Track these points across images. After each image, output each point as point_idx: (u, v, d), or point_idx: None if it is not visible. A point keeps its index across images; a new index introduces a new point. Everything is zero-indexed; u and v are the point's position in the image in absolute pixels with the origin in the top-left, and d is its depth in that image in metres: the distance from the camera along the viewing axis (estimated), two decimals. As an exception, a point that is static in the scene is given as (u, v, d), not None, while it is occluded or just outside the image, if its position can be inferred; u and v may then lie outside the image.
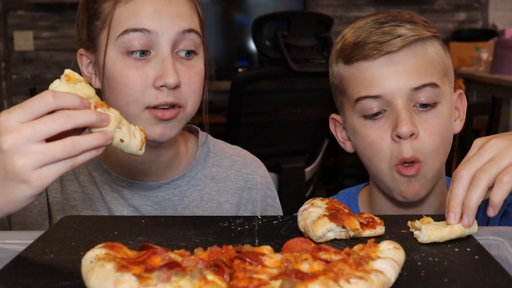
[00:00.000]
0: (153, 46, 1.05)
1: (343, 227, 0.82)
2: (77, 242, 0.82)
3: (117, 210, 1.17)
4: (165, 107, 1.05)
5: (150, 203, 1.18)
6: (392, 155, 1.08)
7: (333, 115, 1.23)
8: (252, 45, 4.06)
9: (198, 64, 1.10)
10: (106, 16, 1.07)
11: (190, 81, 1.07)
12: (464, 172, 0.82)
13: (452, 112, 1.13)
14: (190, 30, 1.08)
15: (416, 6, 4.64)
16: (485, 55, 4.20)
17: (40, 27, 4.43)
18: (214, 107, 3.66)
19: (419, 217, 0.86)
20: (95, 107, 0.80)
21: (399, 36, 1.06)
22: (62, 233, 0.86)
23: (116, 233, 0.86)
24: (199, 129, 1.26)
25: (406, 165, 1.07)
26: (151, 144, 1.08)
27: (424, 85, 1.07)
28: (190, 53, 1.09)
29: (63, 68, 1.19)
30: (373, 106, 1.08)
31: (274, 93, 2.80)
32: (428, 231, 0.81)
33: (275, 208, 1.30)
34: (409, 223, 0.87)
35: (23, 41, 4.45)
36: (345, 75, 1.13)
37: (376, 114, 1.08)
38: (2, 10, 4.41)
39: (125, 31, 1.04)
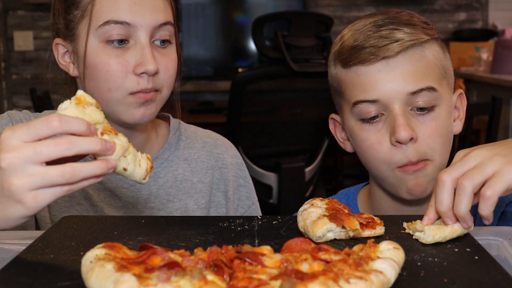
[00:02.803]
0: (132, 36, 1.11)
1: (343, 227, 0.82)
2: (77, 242, 0.82)
3: (94, 195, 1.20)
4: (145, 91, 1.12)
5: (126, 185, 1.21)
6: (393, 158, 1.07)
7: (333, 115, 1.23)
8: (252, 45, 4.07)
9: (172, 52, 1.17)
10: (86, 6, 1.12)
11: (166, 67, 1.14)
12: (447, 176, 0.81)
13: (451, 113, 1.13)
14: (165, 23, 1.14)
15: (416, 6, 4.64)
16: (485, 55, 4.21)
17: (40, 27, 4.43)
18: (214, 107, 3.68)
19: (417, 217, 0.86)
20: (102, 133, 0.79)
21: (397, 41, 1.06)
22: (62, 233, 0.86)
23: (116, 233, 0.86)
24: (171, 116, 1.34)
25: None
26: (126, 126, 1.16)
27: (421, 90, 1.06)
28: (165, 42, 1.15)
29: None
30: (371, 110, 1.08)
31: (274, 93, 2.81)
32: (432, 232, 0.81)
33: (248, 188, 1.33)
34: (405, 224, 0.86)
35: (23, 41, 4.46)
36: (343, 78, 1.13)
37: (374, 117, 1.08)
38: (2, 10, 4.41)
39: (106, 22, 1.10)
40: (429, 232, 0.81)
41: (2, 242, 0.87)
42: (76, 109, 0.77)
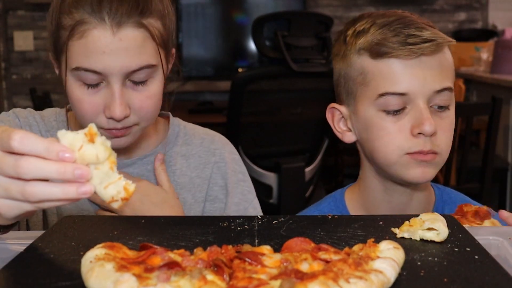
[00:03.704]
0: (104, 79, 1.08)
1: None
2: (77, 242, 0.82)
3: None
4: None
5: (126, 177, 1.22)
6: (406, 145, 1.12)
7: (334, 105, 1.24)
8: (252, 45, 4.06)
9: (152, 87, 1.12)
10: (63, 44, 1.09)
11: (141, 107, 1.11)
12: None
13: (454, 110, 1.18)
14: (141, 68, 1.08)
15: (416, 6, 4.64)
16: (485, 55, 4.20)
17: (40, 27, 4.43)
18: (214, 107, 3.68)
19: (411, 217, 0.86)
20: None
21: (432, 40, 1.11)
22: (62, 233, 0.86)
23: (116, 233, 0.86)
24: (170, 114, 1.33)
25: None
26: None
27: (444, 89, 1.12)
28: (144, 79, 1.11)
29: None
30: (397, 102, 1.11)
31: (274, 93, 2.80)
32: (444, 227, 0.81)
33: (247, 183, 1.34)
34: (395, 230, 0.85)
35: (23, 41, 4.46)
36: (370, 69, 1.14)
37: (397, 110, 1.12)
38: (2, 10, 4.41)
39: (77, 68, 1.07)
40: (443, 227, 0.80)
41: (2, 242, 0.87)
42: (74, 137, 0.71)
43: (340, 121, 1.23)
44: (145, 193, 1.16)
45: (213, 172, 1.30)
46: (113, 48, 1.05)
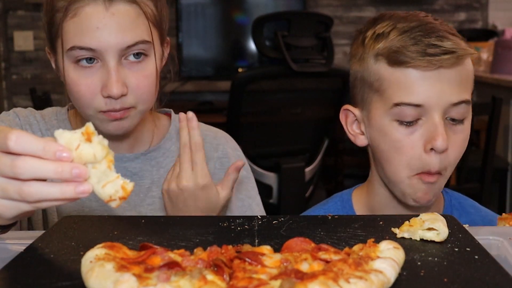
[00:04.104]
0: (99, 57, 1.10)
1: None
2: (77, 242, 0.82)
3: None
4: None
5: (129, 174, 1.24)
6: (415, 167, 1.09)
7: (348, 107, 1.21)
8: (252, 45, 4.06)
9: (148, 67, 1.13)
10: (58, 27, 1.11)
11: (138, 86, 1.12)
12: None
13: (470, 121, 1.15)
14: (135, 43, 1.10)
15: (416, 6, 4.63)
16: (485, 55, 4.20)
17: (40, 27, 4.41)
18: (214, 107, 3.68)
19: (411, 217, 0.86)
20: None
21: (453, 52, 1.07)
22: (62, 233, 0.86)
23: (116, 233, 0.86)
24: (172, 111, 1.35)
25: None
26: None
27: (461, 102, 1.09)
28: (139, 55, 1.12)
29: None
30: (411, 113, 1.08)
31: (274, 93, 2.81)
32: (444, 227, 0.81)
33: (251, 179, 1.34)
34: (395, 230, 0.85)
35: (23, 41, 4.45)
36: (387, 76, 1.11)
37: (411, 121, 1.09)
38: (2, 10, 4.41)
39: (72, 48, 1.09)
40: (443, 227, 0.80)
41: (2, 242, 0.87)
42: (71, 136, 0.71)
43: (353, 124, 1.20)
44: (197, 196, 1.12)
45: (216, 168, 1.29)
46: (106, 23, 1.08)
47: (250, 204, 1.30)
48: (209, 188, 1.11)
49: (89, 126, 0.72)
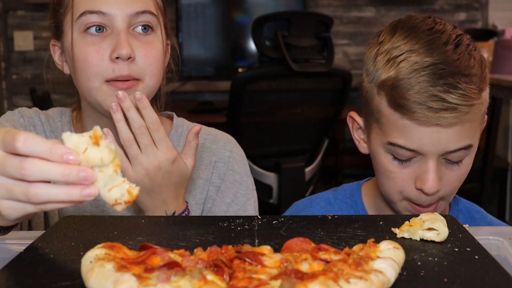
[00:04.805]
0: (109, 25, 1.13)
1: None
2: (77, 242, 0.82)
3: None
4: (123, 79, 1.12)
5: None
6: (409, 196, 1.10)
7: (353, 114, 1.20)
8: (252, 45, 4.06)
9: (155, 41, 1.17)
10: (67, 2, 1.15)
11: (146, 54, 1.14)
12: None
13: (476, 149, 1.12)
14: (143, 12, 1.14)
15: (416, 6, 4.64)
16: (485, 55, 4.20)
17: (40, 27, 4.42)
18: (214, 107, 3.68)
19: (411, 217, 0.86)
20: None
21: (454, 109, 1.01)
22: (62, 233, 0.86)
23: (116, 233, 0.86)
24: (175, 114, 1.34)
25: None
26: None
27: (460, 149, 1.06)
28: (146, 28, 1.15)
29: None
30: (405, 154, 1.07)
31: (274, 93, 2.80)
32: (444, 227, 0.81)
33: (244, 185, 1.30)
34: (395, 230, 0.85)
35: (23, 41, 4.46)
36: (386, 113, 1.08)
37: (406, 160, 1.08)
38: (2, 10, 4.41)
39: (83, 13, 1.12)
40: (443, 227, 0.80)
41: (2, 242, 0.87)
42: (79, 139, 0.71)
43: (358, 130, 1.21)
44: (171, 172, 1.10)
45: (213, 173, 1.29)
46: None
47: (236, 211, 1.28)
48: (178, 161, 1.10)
49: (97, 129, 0.72)
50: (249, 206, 1.30)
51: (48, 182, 0.72)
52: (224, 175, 1.29)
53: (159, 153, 1.07)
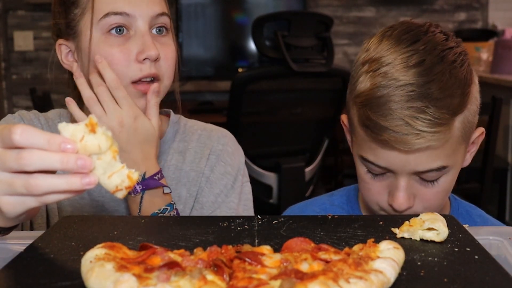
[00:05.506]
0: (131, 26, 1.15)
1: None
2: (77, 242, 0.82)
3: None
4: (147, 79, 1.15)
5: None
6: (384, 208, 1.10)
7: (343, 117, 1.19)
8: (252, 45, 4.06)
9: (170, 42, 1.21)
10: (86, 4, 1.16)
11: (166, 56, 1.18)
12: None
13: (459, 169, 1.09)
14: (162, 14, 1.18)
15: (416, 6, 4.64)
16: (485, 55, 4.21)
17: (40, 27, 4.43)
18: (214, 107, 3.68)
19: (411, 217, 0.86)
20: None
21: (418, 135, 0.97)
22: (62, 233, 0.86)
23: (116, 233, 0.86)
24: (172, 111, 1.36)
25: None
26: None
27: (431, 170, 1.03)
28: (161, 29, 1.19)
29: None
30: (377, 170, 1.06)
31: (274, 93, 2.81)
32: (444, 227, 0.81)
33: (232, 177, 1.29)
34: (395, 230, 0.85)
35: (23, 41, 4.46)
36: (357, 128, 1.07)
37: (379, 174, 1.07)
38: (2, 10, 4.41)
39: (106, 15, 1.14)
40: (443, 227, 0.80)
41: (2, 242, 0.87)
42: (75, 128, 0.71)
43: (348, 132, 1.20)
44: (136, 130, 1.13)
45: (206, 166, 1.29)
46: None
47: (224, 202, 1.27)
48: (141, 118, 1.14)
49: (92, 117, 0.72)
50: (230, 200, 1.28)
51: (49, 172, 0.73)
52: (214, 166, 1.29)
53: (121, 110, 1.12)
